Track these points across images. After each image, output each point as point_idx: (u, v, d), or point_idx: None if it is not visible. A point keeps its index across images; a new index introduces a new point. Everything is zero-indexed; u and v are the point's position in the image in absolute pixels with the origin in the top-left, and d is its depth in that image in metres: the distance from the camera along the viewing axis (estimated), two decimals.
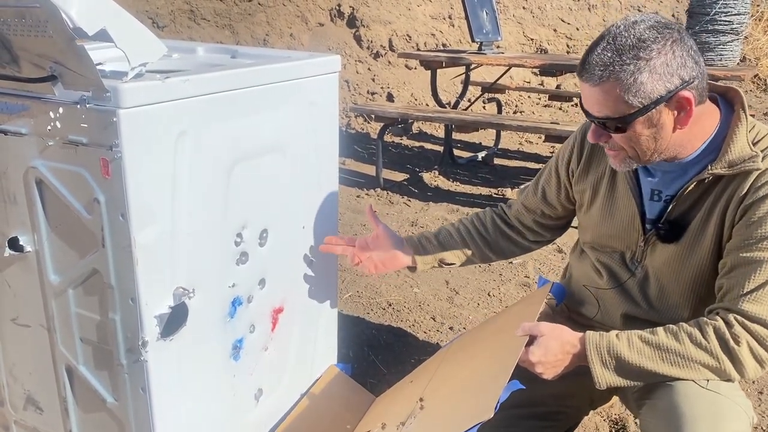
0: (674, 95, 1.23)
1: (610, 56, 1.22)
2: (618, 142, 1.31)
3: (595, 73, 1.23)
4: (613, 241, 1.51)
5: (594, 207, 1.53)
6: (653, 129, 1.27)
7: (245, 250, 1.45)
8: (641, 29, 1.22)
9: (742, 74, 3.94)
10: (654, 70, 1.20)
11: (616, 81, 1.22)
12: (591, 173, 1.54)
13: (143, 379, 1.26)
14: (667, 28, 1.23)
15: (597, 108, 1.27)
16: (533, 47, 7.99)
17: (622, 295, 1.51)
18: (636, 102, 1.22)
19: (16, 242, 1.33)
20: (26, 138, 1.22)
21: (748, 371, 1.24)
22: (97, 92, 1.09)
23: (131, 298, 1.21)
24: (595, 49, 1.25)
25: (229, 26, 6.05)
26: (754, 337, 1.23)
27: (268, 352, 1.60)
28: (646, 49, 1.20)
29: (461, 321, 2.62)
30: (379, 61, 6.53)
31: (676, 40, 1.22)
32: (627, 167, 1.38)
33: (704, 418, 1.22)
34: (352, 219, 3.79)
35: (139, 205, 1.16)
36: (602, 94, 1.24)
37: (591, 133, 1.34)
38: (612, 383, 1.29)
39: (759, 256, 1.24)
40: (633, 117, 1.24)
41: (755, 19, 8.58)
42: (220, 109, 1.29)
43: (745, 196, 1.27)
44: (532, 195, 1.68)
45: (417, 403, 1.48)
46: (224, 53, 1.71)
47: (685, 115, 1.25)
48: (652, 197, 1.42)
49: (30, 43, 1.09)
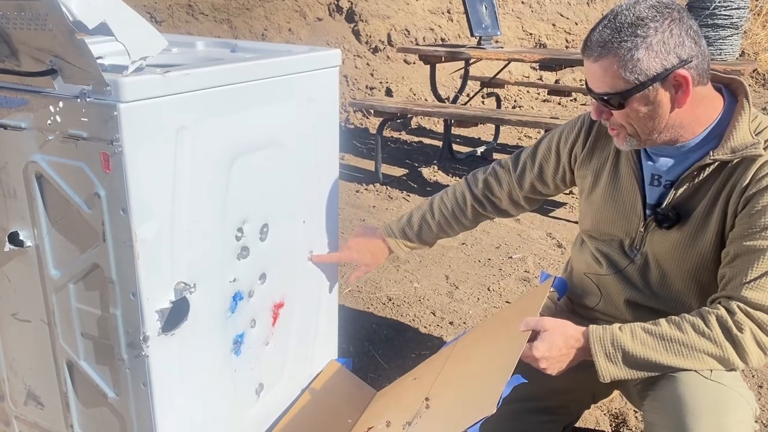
0: (671, 73, 1.25)
1: (609, 33, 1.26)
2: (618, 120, 1.34)
3: (594, 49, 1.28)
4: (613, 227, 1.52)
5: (596, 192, 1.54)
6: (650, 106, 1.29)
7: (246, 245, 1.44)
8: (641, 8, 1.25)
9: (741, 69, 3.94)
10: (650, 47, 1.23)
11: (614, 57, 1.25)
12: (594, 159, 1.55)
13: (144, 373, 1.26)
14: (667, 8, 1.26)
15: (597, 84, 1.31)
16: (532, 42, 7.99)
17: (622, 281, 1.51)
18: (632, 78, 1.25)
19: (16, 237, 1.33)
20: (26, 132, 1.22)
21: (752, 358, 1.24)
22: (97, 86, 1.08)
23: (132, 292, 1.21)
24: (597, 27, 1.29)
25: (227, 21, 6.04)
26: (757, 324, 1.23)
27: (269, 346, 1.60)
28: (644, 26, 1.24)
29: (461, 316, 2.62)
30: (377, 55, 6.52)
31: (675, 20, 1.25)
32: (629, 146, 1.40)
33: (707, 409, 1.23)
34: (351, 214, 3.79)
35: (139, 200, 1.15)
36: (601, 70, 1.28)
37: (593, 109, 1.37)
38: (616, 376, 1.29)
39: (761, 245, 1.25)
40: (630, 93, 1.27)
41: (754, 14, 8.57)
42: (220, 103, 1.29)
43: (748, 186, 1.28)
44: (529, 171, 1.69)
45: (423, 403, 1.48)
46: (224, 47, 1.71)
47: (682, 93, 1.27)
48: (652, 182, 1.43)
49: (29, 37, 1.08)
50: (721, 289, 1.32)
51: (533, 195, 1.72)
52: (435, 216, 1.78)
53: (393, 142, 5.49)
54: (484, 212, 1.78)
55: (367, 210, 3.90)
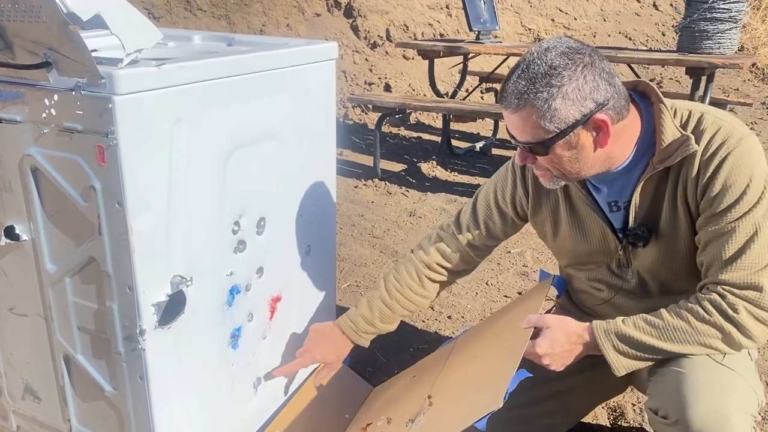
0: (590, 118, 1.25)
1: (524, 84, 1.24)
2: (543, 164, 1.34)
3: (511, 101, 1.27)
4: (593, 257, 1.52)
5: (561, 234, 1.54)
6: (573, 151, 1.29)
7: (243, 239, 1.44)
8: (552, 56, 1.24)
9: (740, 62, 3.93)
10: (566, 96, 1.23)
11: (532, 108, 1.25)
12: (544, 205, 1.55)
13: (141, 367, 1.26)
14: (578, 53, 1.25)
15: (518, 133, 1.31)
16: (531, 37, 7.97)
17: (628, 297, 1.51)
18: (552, 127, 1.25)
19: (12, 231, 1.32)
20: (21, 125, 1.21)
21: (756, 334, 1.25)
22: (92, 79, 1.08)
23: (128, 286, 1.21)
24: (510, 77, 1.27)
25: (226, 17, 6.03)
26: (749, 301, 1.25)
27: (267, 340, 1.60)
28: (558, 76, 1.23)
29: (459, 310, 2.62)
30: (376, 51, 6.51)
31: (587, 65, 1.24)
32: (556, 185, 1.41)
33: (709, 389, 1.24)
34: (350, 209, 3.79)
35: (135, 193, 1.15)
36: (520, 120, 1.28)
37: (517, 155, 1.38)
38: (629, 367, 1.30)
39: (727, 227, 1.27)
40: (552, 141, 1.27)
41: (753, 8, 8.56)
42: (216, 95, 1.28)
43: (699, 177, 1.29)
44: (476, 234, 1.64)
45: (426, 401, 1.48)
46: (221, 41, 1.70)
47: (603, 135, 1.28)
48: (611, 209, 1.43)
49: (24, 29, 1.08)
50: (704, 275, 1.33)
51: (484, 252, 1.69)
52: (392, 296, 1.68)
53: (392, 138, 5.49)
54: (440, 280, 1.70)
55: (365, 205, 3.89)
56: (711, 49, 4.12)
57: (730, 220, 1.26)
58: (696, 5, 4.11)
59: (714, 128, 1.30)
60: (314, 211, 1.67)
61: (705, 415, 1.22)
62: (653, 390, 1.34)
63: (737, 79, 8.00)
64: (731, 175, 1.26)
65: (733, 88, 7.55)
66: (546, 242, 1.63)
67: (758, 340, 1.26)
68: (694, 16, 4.10)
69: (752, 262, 1.25)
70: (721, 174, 1.27)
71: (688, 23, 4.16)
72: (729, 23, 4.02)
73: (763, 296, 1.24)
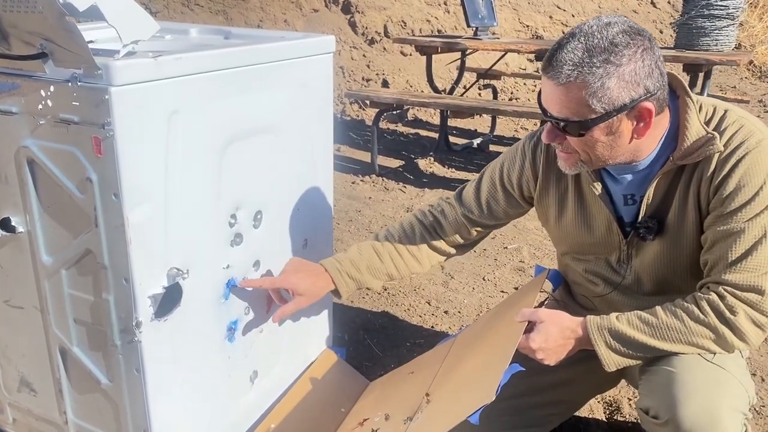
0: (636, 105, 1.21)
1: (581, 56, 1.18)
2: (572, 145, 1.29)
3: (563, 71, 1.19)
4: (593, 248, 1.50)
5: (565, 221, 1.51)
6: (611, 137, 1.25)
7: (239, 232, 1.44)
8: (614, 32, 1.19)
9: (737, 59, 3.94)
10: (622, 76, 1.18)
11: (583, 83, 1.19)
12: (552, 189, 1.52)
13: (137, 359, 1.26)
14: (639, 35, 1.20)
15: (556, 107, 1.24)
16: (529, 34, 7.97)
17: (622, 295, 1.50)
18: (599, 107, 1.20)
19: (8, 223, 1.32)
20: (17, 117, 1.21)
21: (750, 337, 1.25)
22: (88, 70, 1.08)
23: (125, 278, 1.20)
24: (565, 46, 1.20)
25: (223, 12, 6.02)
26: (749, 304, 1.24)
27: (263, 334, 1.60)
28: (618, 54, 1.18)
29: (456, 305, 2.63)
30: (374, 47, 6.50)
31: (647, 49, 1.20)
32: (575, 171, 1.37)
33: (700, 387, 1.23)
34: (347, 205, 3.78)
35: (131, 184, 1.15)
36: (565, 94, 1.21)
37: (546, 132, 1.30)
38: (619, 363, 1.30)
39: (736, 228, 1.25)
40: (593, 122, 1.22)
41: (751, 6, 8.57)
42: (212, 88, 1.28)
43: (713, 175, 1.27)
44: (477, 209, 1.62)
45: (424, 398, 1.48)
46: (217, 34, 1.70)
47: (644, 125, 1.24)
48: (626, 202, 1.41)
49: (20, 20, 1.08)
50: (706, 274, 1.32)
51: (485, 229, 1.66)
52: (382, 244, 1.63)
53: (389, 134, 5.49)
54: (434, 246, 1.65)
55: (363, 201, 3.89)
56: (708, 46, 4.13)
57: (740, 221, 1.25)
58: (694, 2, 4.11)
59: (736, 126, 1.27)
60: (311, 205, 1.67)
61: (696, 415, 1.21)
62: (644, 389, 1.34)
63: (734, 76, 8.01)
64: (746, 176, 1.24)
65: (730, 86, 7.56)
66: (547, 227, 1.60)
67: (752, 344, 1.26)
68: (691, 13, 4.11)
69: (757, 264, 1.24)
70: (736, 173, 1.25)
71: (686, 20, 4.16)
72: (726, 20, 4.03)
73: (764, 300, 1.23)
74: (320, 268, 1.59)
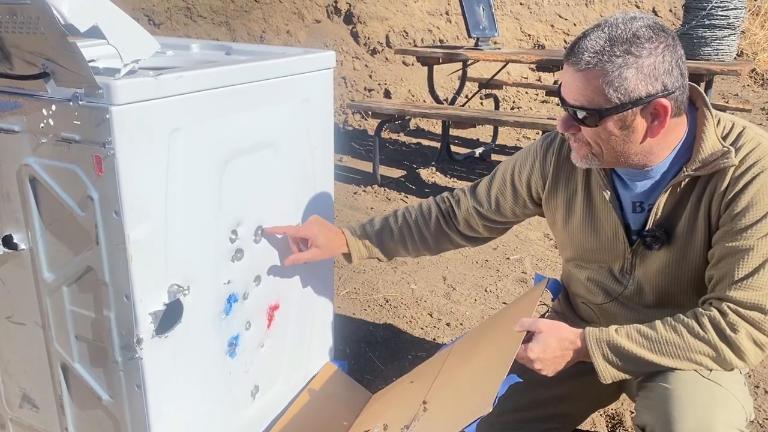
0: (653, 101, 1.22)
1: (603, 44, 1.20)
2: (586, 137, 1.30)
3: (583, 57, 1.21)
4: (598, 255, 1.50)
5: (572, 224, 1.51)
6: (625, 132, 1.25)
7: (240, 247, 1.44)
8: (638, 26, 1.21)
9: (738, 69, 3.94)
10: (641, 68, 1.20)
11: (601, 71, 1.20)
12: (560, 191, 1.52)
13: (138, 376, 1.26)
14: (663, 32, 1.22)
15: (574, 95, 1.25)
16: (530, 43, 7.99)
17: (621, 306, 1.50)
18: (615, 97, 1.21)
19: (10, 240, 1.33)
20: (19, 135, 1.22)
21: (749, 356, 1.24)
22: (89, 89, 1.09)
23: (126, 295, 1.21)
24: (589, 35, 1.23)
25: (226, 23, 6.04)
26: (751, 323, 1.23)
27: (264, 349, 1.60)
28: (639, 46, 1.19)
29: (458, 317, 2.62)
30: (376, 57, 6.53)
31: (669, 46, 1.22)
32: (587, 165, 1.36)
33: (696, 405, 1.23)
34: (349, 216, 3.79)
35: (132, 202, 1.16)
36: (583, 81, 1.23)
37: (561, 121, 1.32)
38: (616, 376, 1.30)
39: (745, 245, 1.25)
40: (608, 113, 1.23)
41: (752, 14, 8.59)
42: (213, 105, 1.29)
43: (726, 191, 1.28)
44: (486, 203, 1.65)
45: (421, 406, 1.48)
46: (219, 50, 1.71)
47: (658, 124, 1.25)
48: (635, 209, 1.41)
49: (22, 40, 1.09)
50: (711, 290, 1.31)
51: (492, 225, 1.68)
52: (398, 221, 1.71)
53: (391, 144, 5.50)
54: (447, 230, 1.70)
55: (365, 212, 3.90)
56: (709, 55, 4.13)
57: (750, 238, 1.24)
58: (694, 12, 4.12)
59: (753, 144, 1.28)
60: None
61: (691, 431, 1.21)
62: (640, 405, 1.34)
63: (736, 84, 8.01)
64: (759, 194, 1.24)
65: (732, 94, 7.56)
66: (554, 231, 1.60)
67: (750, 363, 1.26)
68: (692, 23, 4.12)
69: (763, 283, 1.24)
70: (749, 191, 1.25)
71: (687, 30, 4.17)
72: (727, 30, 4.04)
73: (767, 319, 1.23)
74: (339, 230, 1.68)
